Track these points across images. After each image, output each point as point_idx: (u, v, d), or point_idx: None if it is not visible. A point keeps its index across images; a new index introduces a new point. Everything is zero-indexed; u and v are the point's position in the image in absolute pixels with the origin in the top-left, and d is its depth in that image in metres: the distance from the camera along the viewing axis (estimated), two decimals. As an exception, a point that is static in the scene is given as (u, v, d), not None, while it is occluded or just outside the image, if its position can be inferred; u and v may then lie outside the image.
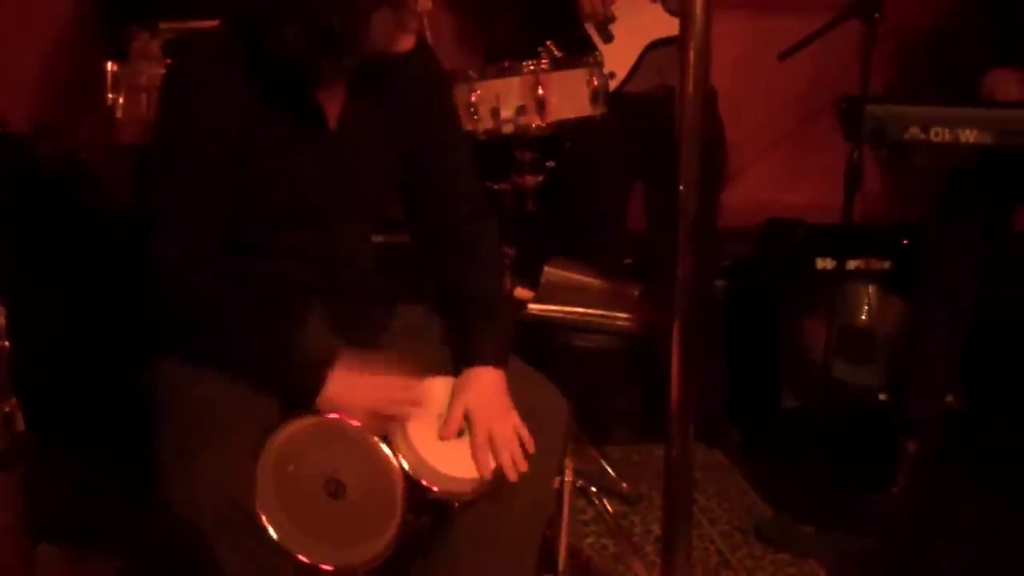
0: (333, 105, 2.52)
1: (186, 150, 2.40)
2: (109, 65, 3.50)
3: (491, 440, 2.45)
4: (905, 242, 4.02)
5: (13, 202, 3.62)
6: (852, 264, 3.97)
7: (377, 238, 2.76)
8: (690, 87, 2.18)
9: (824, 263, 4.01)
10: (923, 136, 3.23)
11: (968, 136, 3.22)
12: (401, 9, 2.38)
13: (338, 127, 2.52)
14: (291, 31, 2.33)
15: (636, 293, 3.34)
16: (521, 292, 3.32)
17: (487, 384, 2.51)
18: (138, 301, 2.46)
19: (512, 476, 2.44)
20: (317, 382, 2.37)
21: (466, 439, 2.48)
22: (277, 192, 2.47)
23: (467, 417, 2.48)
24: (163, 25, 3.57)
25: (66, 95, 4.49)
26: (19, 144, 3.99)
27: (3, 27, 3.37)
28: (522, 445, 2.47)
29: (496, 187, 3.66)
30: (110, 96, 3.48)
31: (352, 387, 2.38)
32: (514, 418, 2.49)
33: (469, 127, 3.48)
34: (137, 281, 2.44)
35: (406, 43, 2.45)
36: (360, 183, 2.57)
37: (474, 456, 2.46)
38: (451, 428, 2.47)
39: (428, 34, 3.70)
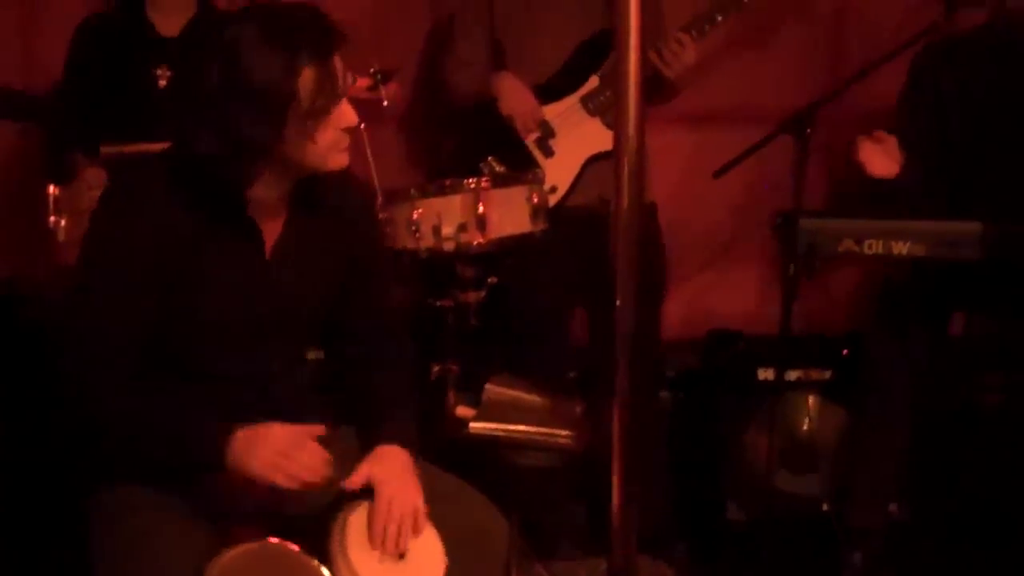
0: (271, 230, 2.52)
1: (106, 269, 2.39)
2: (51, 188, 3.52)
3: (388, 508, 2.45)
4: (845, 352, 4.04)
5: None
6: (793, 375, 3.99)
7: (313, 355, 2.76)
8: (624, 202, 2.18)
9: (765, 374, 4.02)
10: (857, 249, 3.27)
11: (900, 248, 3.26)
12: (321, 120, 2.37)
13: (274, 252, 2.52)
14: (208, 136, 2.33)
15: (578, 410, 3.35)
16: (463, 411, 3.32)
17: (394, 460, 2.52)
18: (77, 423, 2.45)
19: (392, 549, 2.43)
20: (223, 444, 2.34)
21: (407, 563, 2.45)
22: (210, 315, 2.46)
23: (375, 492, 2.48)
24: (105, 149, 3.58)
25: (10, 216, 4.49)
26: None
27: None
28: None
29: (438, 303, 3.68)
30: (52, 219, 3.50)
31: (254, 440, 2.35)
32: (416, 498, 2.49)
33: (411, 245, 3.51)
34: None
35: (337, 160, 2.45)
36: (293, 306, 2.57)
37: (371, 526, 2.45)
38: (352, 483, 2.48)
39: (369, 151, 3.75)
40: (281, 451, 2.35)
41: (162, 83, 3.93)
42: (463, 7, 4.17)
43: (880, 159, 3.55)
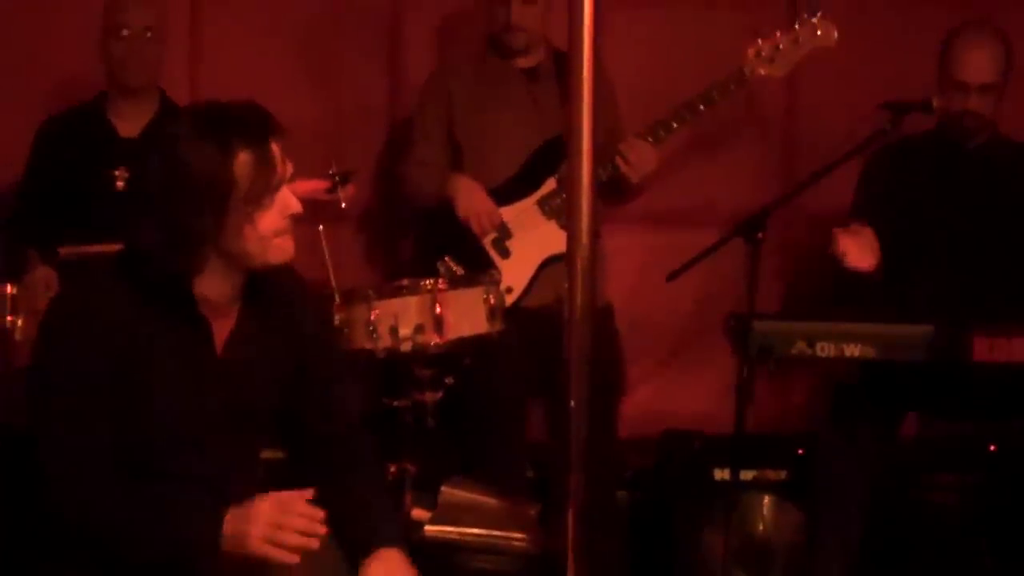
0: (222, 327, 2.52)
1: (69, 370, 2.39)
2: (8, 288, 3.52)
3: None
4: (800, 452, 4.06)
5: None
6: (748, 474, 4.00)
7: (268, 454, 2.76)
8: (577, 304, 2.21)
9: (721, 474, 4.04)
10: (809, 351, 3.31)
11: (852, 350, 3.30)
12: (262, 207, 2.38)
13: (225, 349, 2.53)
14: (151, 229, 2.35)
15: (534, 512, 3.35)
16: (418, 513, 3.32)
17: (398, 563, 2.53)
18: (31, 520, 2.43)
19: None
20: (216, 529, 2.33)
21: None
22: (162, 413, 2.45)
23: None
24: (63, 251, 3.60)
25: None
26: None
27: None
28: None
29: (395, 403, 3.68)
30: (9, 318, 3.50)
31: (246, 518, 2.34)
32: None
33: (368, 345, 3.53)
34: (30, 499, 2.42)
35: (282, 249, 2.45)
36: (247, 404, 2.56)
37: None
38: None
39: (326, 251, 3.78)
40: (274, 523, 2.33)
41: (119, 184, 3.96)
42: (421, 109, 4.23)
43: (858, 251, 3.59)
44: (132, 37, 3.99)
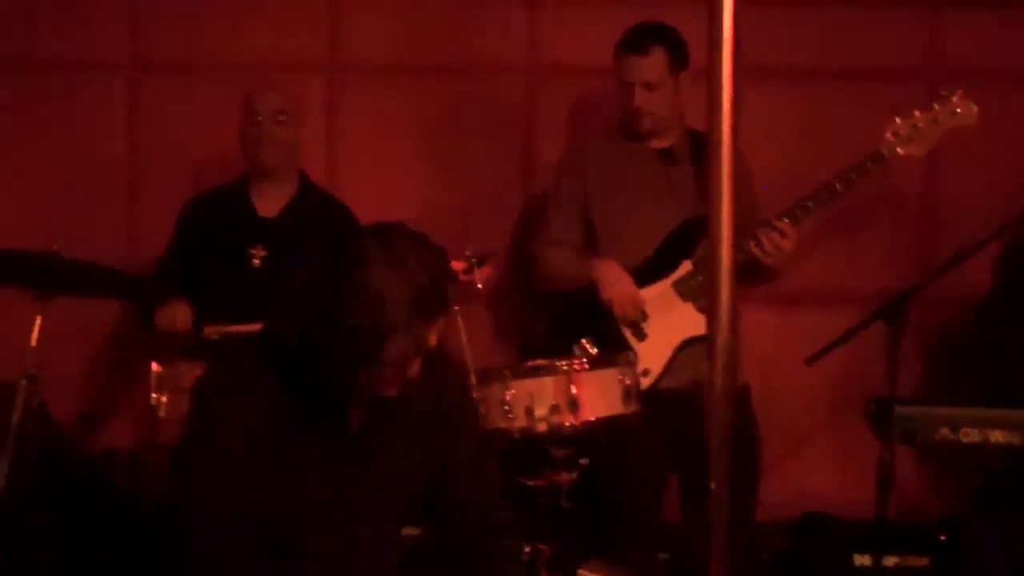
0: (356, 411, 2.56)
1: (215, 448, 2.47)
2: (154, 366, 3.62)
3: None
4: (943, 538, 3.98)
5: (53, 487, 3.66)
6: (890, 561, 3.93)
7: (409, 531, 2.77)
8: (717, 385, 2.20)
9: (862, 560, 3.97)
10: (953, 437, 3.26)
11: (998, 437, 3.24)
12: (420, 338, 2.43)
13: (361, 429, 2.56)
14: (307, 329, 2.42)
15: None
16: (558, 599, 3.31)
17: None
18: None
19: None
20: None
21: None
22: (300, 494, 2.50)
23: None
24: (208, 329, 3.69)
25: (110, 389, 4.61)
26: (61, 433, 4.08)
27: (56, 325, 3.51)
28: None
29: (530, 484, 3.69)
30: (154, 396, 3.60)
31: None
32: None
33: (503, 425, 3.54)
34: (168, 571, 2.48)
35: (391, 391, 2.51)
36: (380, 488, 2.59)
37: None
38: None
39: (463, 332, 3.81)
40: None
41: (256, 262, 4.07)
42: (556, 187, 4.26)
43: None
44: (265, 121, 4.14)
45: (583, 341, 3.95)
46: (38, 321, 3.49)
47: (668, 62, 4.05)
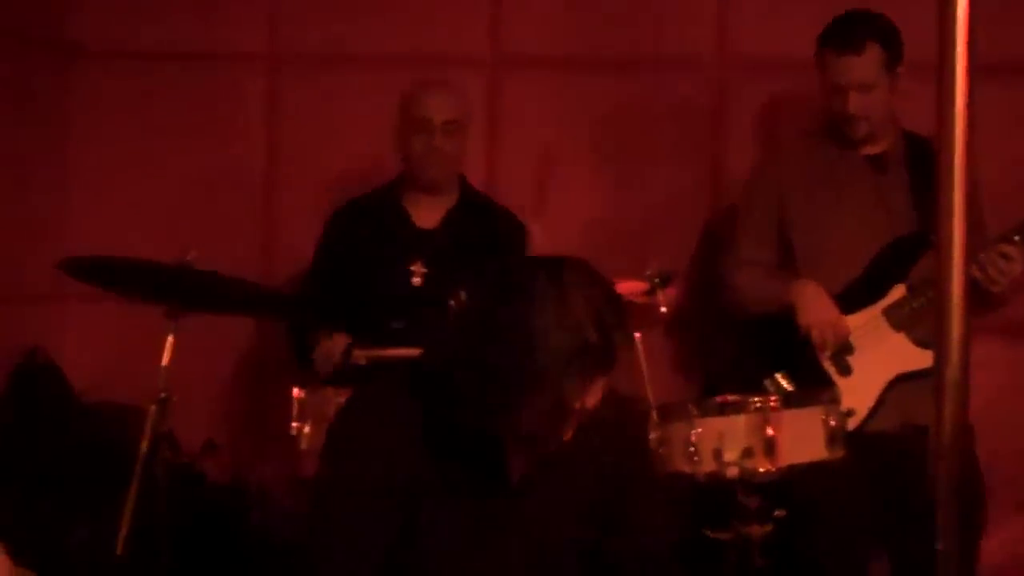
0: (516, 459, 2.55)
1: (350, 485, 2.51)
2: (295, 391, 3.65)
3: None
4: None
5: (181, 521, 3.73)
6: None
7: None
8: (946, 431, 2.15)
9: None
10: None
11: None
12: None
13: (521, 481, 2.56)
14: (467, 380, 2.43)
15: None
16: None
17: None
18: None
19: None
20: None
21: None
22: (446, 544, 2.52)
23: None
24: (356, 353, 3.72)
25: (242, 415, 4.69)
26: (188, 462, 4.17)
27: (181, 341, 3.58)
28: None
29: (717, 536, 3.65)
30: (295, 425, 3.62)
31: None
32: None
33: (687, 469, 3.50)
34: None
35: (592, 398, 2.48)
36: (542, 538, 2.58)
37: None
38: None
39: (643, 362, 3.80)
40: None
41: (416, 280, 4.08)
42: (748, 201, 4.23)
43: None
44: (436, 133, 4.12)
45: (777, 375, 3.92)
46: (170, 340, 3.56)
47: (883, 58, 3.98)
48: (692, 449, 3.49)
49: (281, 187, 4.75)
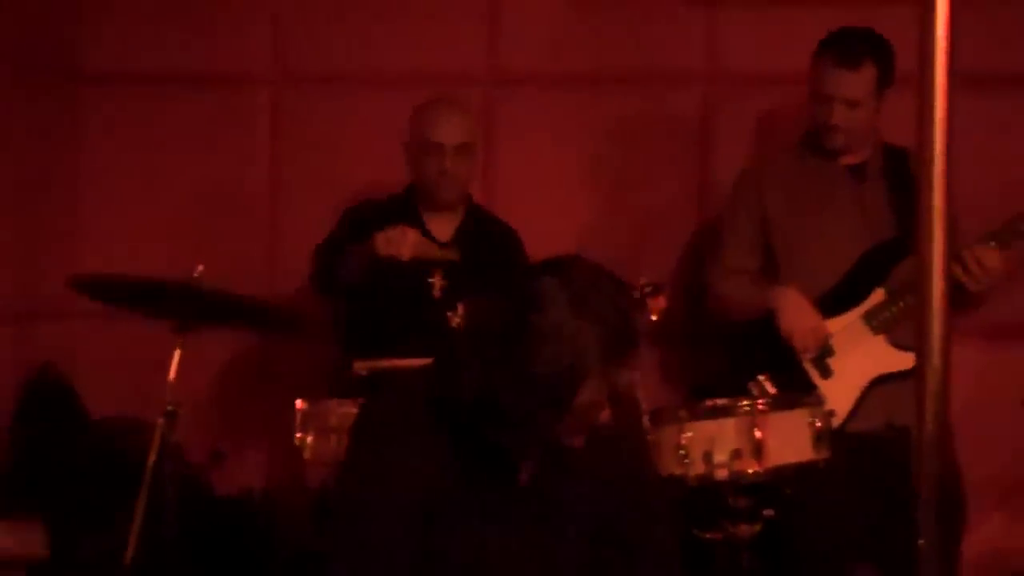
0: (528, 462, 2.52)
1: (372, 499, 2.47)
2: (298, 403, 3.62)
3: None
4: None
5: (190, 532, 3.71)
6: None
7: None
8: (927, 431, 2.13)
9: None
10: None
11: None
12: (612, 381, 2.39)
13: (530, 484, 2.53)
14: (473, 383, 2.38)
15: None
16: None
17: None
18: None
19: None
20: None
21: None
22: (454, 555, 2.48)
23: None
24: (357, 364, 3.68)
25: (245, 426, 4.67)
26: (194, 473, 4.15)
27: (187, 355, 3.56)
28: None
29: (707, 537, 3.63)
30: (298, 435, 3.58)
31: None
32: None
33: (678, 471, 3.49)
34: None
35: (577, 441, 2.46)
36: (544, 550, 2.54)
37: None
38: None
39: (636, 371, 3.77)
40: None
41: (436, 293, 4.04)
42: (732, 208, 4.20)
43: None
44: (446, 155, 4.04)
45: (760, 378, 3.89)
46: (177, 354, 3.53)
47: (876, 78, 3.93)
48: (683, 452, 3.48)
49: (285, 204, 4.72)
